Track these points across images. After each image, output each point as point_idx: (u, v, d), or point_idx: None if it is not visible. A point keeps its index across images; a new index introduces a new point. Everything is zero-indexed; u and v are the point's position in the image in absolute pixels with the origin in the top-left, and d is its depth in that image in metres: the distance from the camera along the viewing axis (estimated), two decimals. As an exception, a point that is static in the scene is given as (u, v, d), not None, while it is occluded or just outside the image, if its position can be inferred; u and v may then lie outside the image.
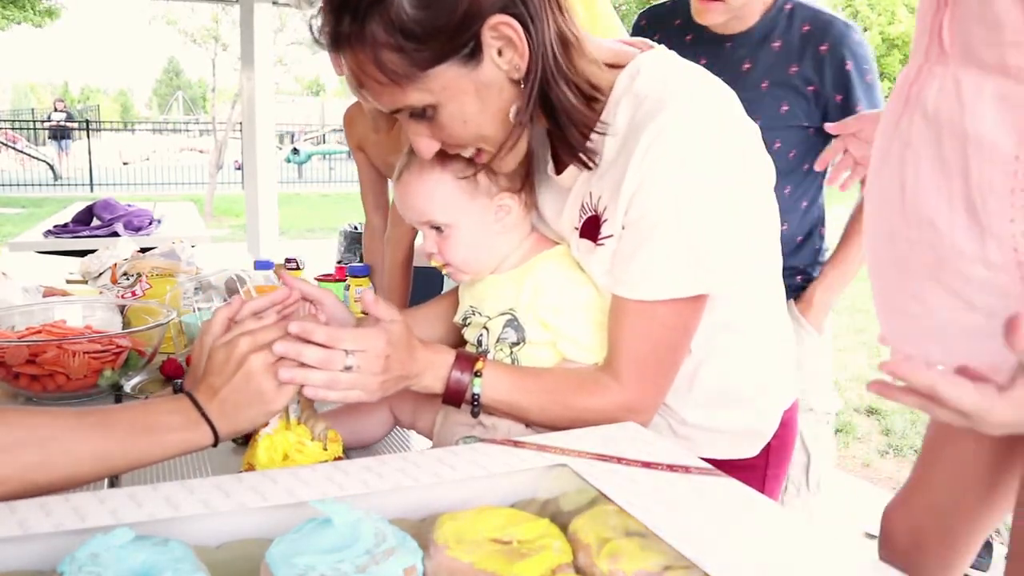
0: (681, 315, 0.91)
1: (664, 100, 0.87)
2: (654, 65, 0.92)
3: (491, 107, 0.88)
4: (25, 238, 3.51)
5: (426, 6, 0.80)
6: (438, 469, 0.73)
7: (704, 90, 0.91)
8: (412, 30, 0.81)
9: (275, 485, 0.69)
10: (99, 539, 0.58)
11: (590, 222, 0.95)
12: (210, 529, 0.65)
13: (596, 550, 0.64)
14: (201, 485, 0.69)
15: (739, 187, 0.90)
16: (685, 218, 0.87)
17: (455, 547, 0.62)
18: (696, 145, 0.86)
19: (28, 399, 1.27)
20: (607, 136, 0.92)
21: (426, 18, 0.81)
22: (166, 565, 0.57)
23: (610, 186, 0.92)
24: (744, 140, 0.92)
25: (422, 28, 0.81)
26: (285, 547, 0.59)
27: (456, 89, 0.85)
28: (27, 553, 0.61)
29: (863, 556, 0.59)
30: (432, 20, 0.81)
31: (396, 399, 1.13)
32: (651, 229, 0.88)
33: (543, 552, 0.63)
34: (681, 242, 0.88)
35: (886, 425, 3.77)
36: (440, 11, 0.81)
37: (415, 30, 0.81)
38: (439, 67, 0.83)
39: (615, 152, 0.92)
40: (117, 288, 1.68)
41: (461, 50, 0.83)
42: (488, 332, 1.01)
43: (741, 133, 0.92)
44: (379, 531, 0.61)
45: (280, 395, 0.83)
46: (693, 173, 0.87)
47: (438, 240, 1.01)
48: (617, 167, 0.91)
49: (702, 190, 0.87)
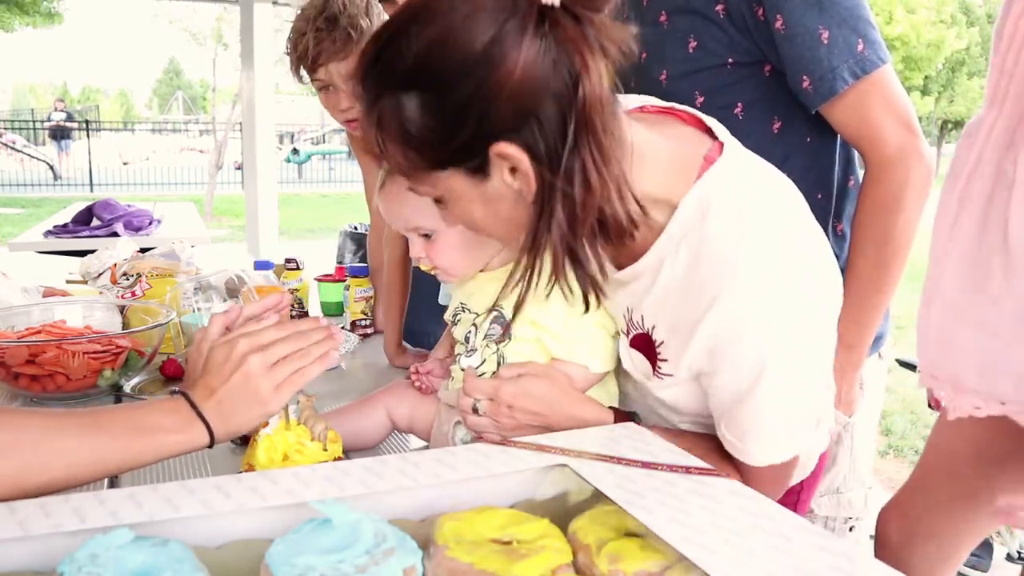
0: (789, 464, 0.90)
1: (736, 261, 0.80)
2: (724, 202, 0.82)
3: (500, 216, 0.82)
4: (25, 238, 3.51)
5: (433, 115, 0.75)
6: (438, 469, 0.73)
7: (781, 236, 0.82)
8: (417, 135, 0.77)
9: (275, 485, 0.69)
10: (99, 540, 0.58)
11: (642, 340, 0.91)
12: (210, 530, 0.65)
13: (596, 550, 0.64)
14: (201, 486, 0.69)
15: (825, 324, 0.84)
16: (785, 386, 0.83)
17: (455, 547, 0.62)
18: (777, 305, 0.80)
19: (28, 399, 1.27)
20: (664, 261, 0.86)
21: (432, 127, 0.76)
22: (166, 566, 0.57)
23: (667, 323, 0.87)
24: (824, 268, 0.85)
25: (427, 135, 0.76)
26: (285, 547, 0.59)
27: (462, 195, 0.81)
28: (27, 553, 0.61)
29: (864, 556, 0.59)
30: (437, 131, 0.76)
31: (393, 401, 1.13)
32: (750, 399, 0.83)
33: (543, 552, 0.63)
34: (785, 410, 0.84)
35: (886, 425, 3.77)
36: (446, 124, 0.75)
37: (420, 136, 0.77)
38: (444, 171, 0.79)
39: (672, 284, 0.85)
40: (117, 288, 1.68)
41: (467, 162, 0.78)
42: (476, 329, 1.02)
43: (822, 266, 0.84)
44: (379, 531, 0.60)
45: (277, 397, 0.83)
46: (780, 335, 0.81)
47: (425, 245, 1.01)
48: (677, 310, 0.85)
49: (793, 353, 0.81)
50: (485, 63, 0.72)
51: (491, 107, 0.73)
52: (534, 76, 0.72)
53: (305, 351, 0.85)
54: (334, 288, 1.94)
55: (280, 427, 0.87)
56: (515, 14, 0.71)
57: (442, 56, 0.73)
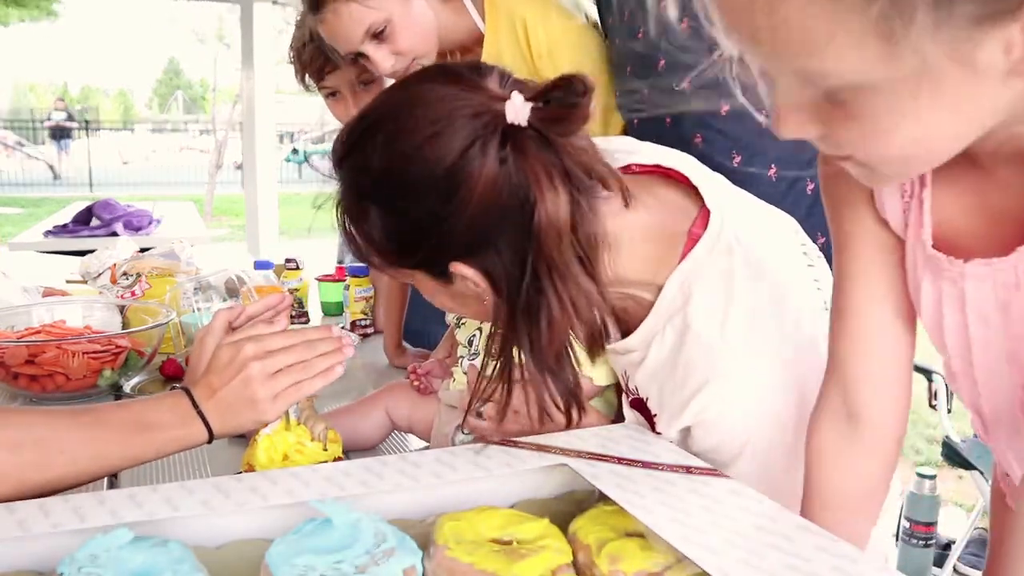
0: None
1: (721, 349, 0.79)
2: (706, 285, 0.80)
3: (471, 309, 0.84)
4: (25, 238, 3.50)
5: (393, 228, 0.76)
6: (438, 469, 0.73)
7: (764, 319, 0.80)
8: (379, 242, 0.78)
9: (275, 485, 0.69)
10: (98, 540, 0.58)
11: (638, 403, 0.89)
12: (210, 530, 0.65)
13: (596, 550, 0.63)
14: (201, 486, 0.68)
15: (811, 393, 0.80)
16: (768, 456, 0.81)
17: (455, 547, 0.62)
18: (762, 391, 0.80)
19: (28, 400, 1.26)
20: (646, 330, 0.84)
21: (393, 239, 0.77)
22: (165, 566, 0.57)
23: (656, 399, 0.86)
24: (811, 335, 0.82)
25: (387, 246, 0.78)
26: (285, 548, 0.59)
27: (432, 290, 0.82)
28: (26, 554, 0.61)
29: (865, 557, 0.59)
30: (398, 243, 0.77)
31: (393, 401, 1.13)
32: (732, 469, 0.81)
33: (543, 552, 0.63)
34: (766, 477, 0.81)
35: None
36: (406, 239, 0.77)
37: (381, 244, 0.78)
38: (412, 271, 0.80)
39: (659, 363, 0.84)
40: (117, 288, 1.68)
41: (430, 270, 0.79)
42: (481, 333, 1.01)
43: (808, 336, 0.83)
44: (379, 531, 0.60)
45: (274, 407, 0.83)
46: (763, 418, 0.80)
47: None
48: (664, 388, 0.84)
49: (774, 433, 0.81)
50: (446, 187, 0.71)
51: (450, 229, 0.73)
52: (494, 202, 0.71)
53: (309, 364, 0.85)
54: (334, 288, 1.94)
55: (280, 427, 0.87)
56: (479, 136, 0.70)
57: (402, 177, 0.73)
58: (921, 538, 2.26)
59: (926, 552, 2.26)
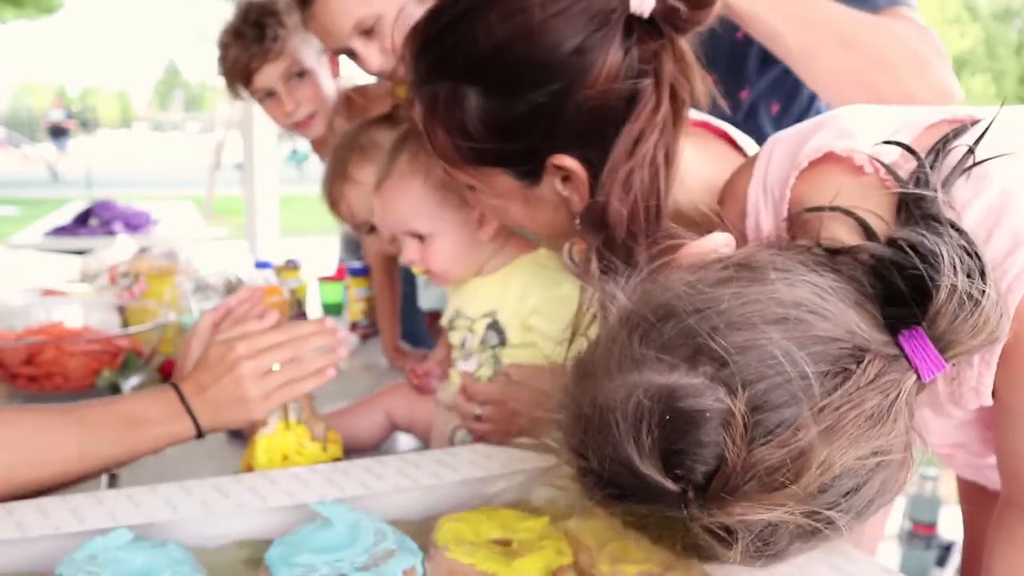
0: None
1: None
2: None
3: (539, 219, 0.78)
4: (23, 238, 3.50)
5: (495, 115, 0.69)
6: (438, 470, 0.73)
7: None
8: (472, 131, 0.70)
9: (274, 486, 0.69)
10: (97, 541, 0.58)
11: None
12: (209, 530, 0.65)
13: (597, 551, 0.63)
14: (200, 486, 0.68)
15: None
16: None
17: (455, 548, 0.62)
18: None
19: (26, 400, 1.26)
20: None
21: (491, 127, 0.69)
22: (165, 567, 0.57)
23: None
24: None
25: (483, 134, 0.70)
26: (284, 548, 0.59)
27: (503, 192, 0.75)
28: (25, 555, 0.60)
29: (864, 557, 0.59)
30: (496, 132, 0.70)
31: (392, 402, 1.13)
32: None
33: (543, 552, 0.63)
34: None
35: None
36: (508, 128, 0.69)
37: (475, 132, 0.70)
38: (491, 168, 0.73)
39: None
40: (115, 288, 1.68)
41: (519, 167, 0.72)
42: (473, 334, 1.01)
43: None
44: (379, 532, 0.60)
45: (263, 405, 0.83)
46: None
47: (419, 248, 0.99)
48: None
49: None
50: (566, 73, 0.66)
51: (563, 120, 0.68)
52: (614, 94, 0.67)
53: (301, 363, 0.85)
54: (334, 288, 1.93)
55: (280, 427, 0.87)
56: (605, 21, 0.65)
57: (520, 57, 0.67)
58: (923, 539, 2.26)
59: (928, 553, 2.26)
